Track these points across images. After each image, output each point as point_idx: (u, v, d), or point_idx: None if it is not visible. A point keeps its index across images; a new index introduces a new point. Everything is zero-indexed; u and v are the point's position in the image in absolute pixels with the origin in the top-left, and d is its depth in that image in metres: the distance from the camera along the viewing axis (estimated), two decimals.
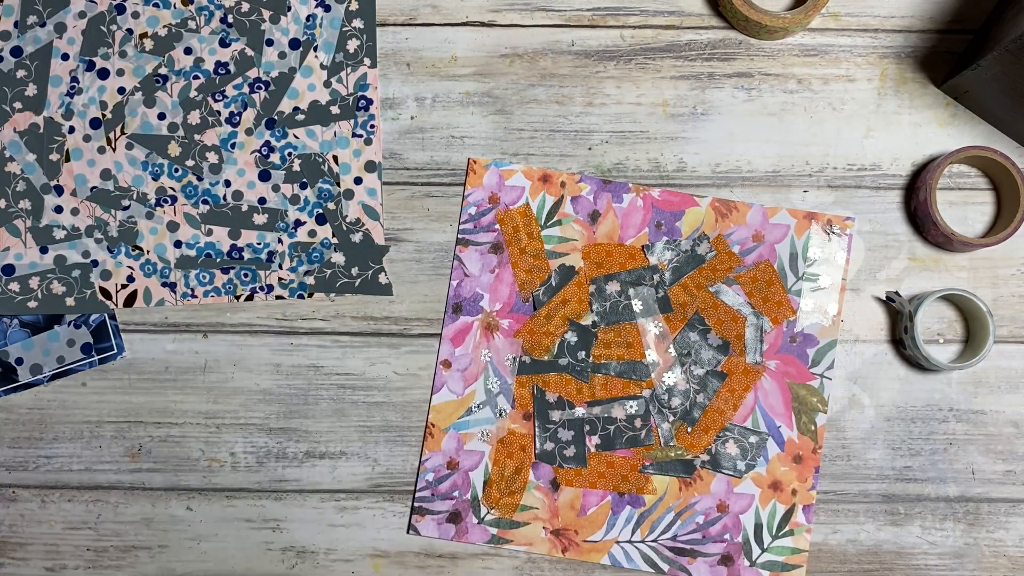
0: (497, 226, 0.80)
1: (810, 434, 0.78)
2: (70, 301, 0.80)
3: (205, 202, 0.81)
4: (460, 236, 0.80)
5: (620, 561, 0.77)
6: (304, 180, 0.81)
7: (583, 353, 0.79)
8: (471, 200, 0.81)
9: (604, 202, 0.80)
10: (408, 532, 0.78)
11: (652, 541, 0.78)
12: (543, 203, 0.80)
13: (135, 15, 0.82)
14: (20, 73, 0.81)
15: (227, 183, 0.81)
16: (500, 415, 0.79)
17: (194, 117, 0.81)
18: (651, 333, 0.79)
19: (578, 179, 0.80)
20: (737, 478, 0.78)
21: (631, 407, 0.79)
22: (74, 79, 0.81)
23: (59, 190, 0.80)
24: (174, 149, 0.81)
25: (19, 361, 0.80)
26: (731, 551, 0.78)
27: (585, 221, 0.80)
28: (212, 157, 0.81)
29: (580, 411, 0.79)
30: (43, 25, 0.82)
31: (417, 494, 0.79)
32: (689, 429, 0.78)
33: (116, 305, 0.80)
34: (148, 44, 0.82)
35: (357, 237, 0.80)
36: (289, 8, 0.82)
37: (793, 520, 0.77)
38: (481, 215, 0.80)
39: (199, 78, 0.81)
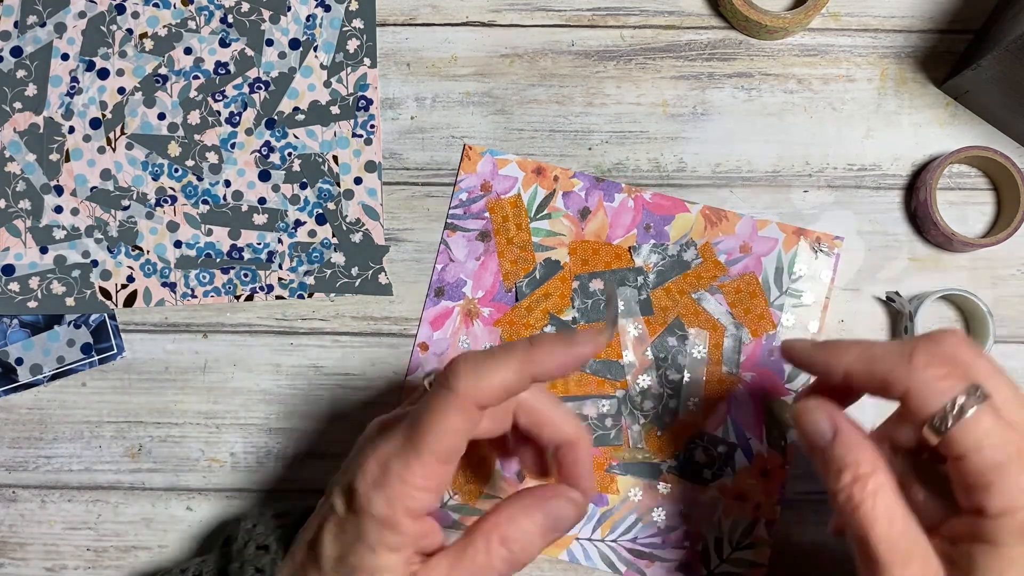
0: (487, 214, 0.80)
1: (780, 449, 0.77)
2: (70, 301, 0.80)
3: (205, 202, 0.81)
4: (449, 221, 0.80)
5: (578, 558, 0.77)
6: (304, 180, 0.81)
7: None
8: (463, 186, 0.80)
9: (595, 200, 0.80)
10: None
11: (612, 541, 0.77)
12: (535, 195, 0.80)
13: (135, 15, 0.82)
14: (20, 73, 0.81)
15: (227, 183, 0.81)
16: None
17: (194, 117, 0.81)
18: (630, 334, 0.79)
19: (571, 174, 0.80)
20: (702, 486, 0.77)
21: (604, 406, 0.78)
22: (74, 79, 0.81)
23: (59, 190, 0.80)
24: (174, 149, 0.81)
25: (19, 361, 0.80)
26: (690, 559, 0.77)
27: (575, 217, 0.80)
28: (212, 157, 0.81)
29: None
30: (43, 25, 0.82)
31: None
32: (659, 433, 0.78)
33: (116, 305, 0.80)
34: (148, 44, 0.82)
35: (357, 237, 0.80)
36: (289, 8, 0.82)
37: (755, 534, 0.76)
38: (472, 202, 0.80)
39: (199, 78, 0.81)
